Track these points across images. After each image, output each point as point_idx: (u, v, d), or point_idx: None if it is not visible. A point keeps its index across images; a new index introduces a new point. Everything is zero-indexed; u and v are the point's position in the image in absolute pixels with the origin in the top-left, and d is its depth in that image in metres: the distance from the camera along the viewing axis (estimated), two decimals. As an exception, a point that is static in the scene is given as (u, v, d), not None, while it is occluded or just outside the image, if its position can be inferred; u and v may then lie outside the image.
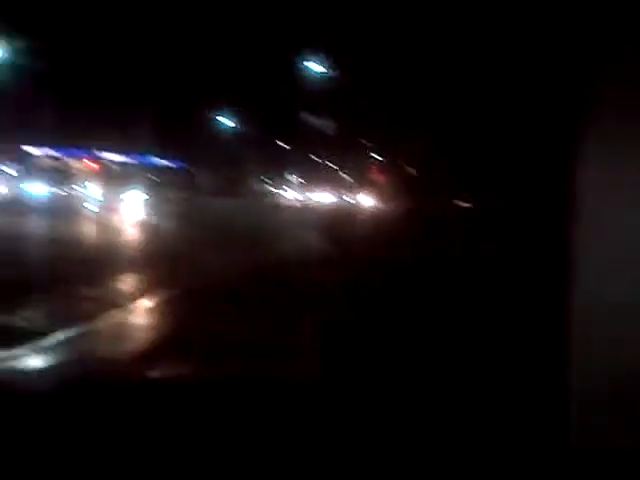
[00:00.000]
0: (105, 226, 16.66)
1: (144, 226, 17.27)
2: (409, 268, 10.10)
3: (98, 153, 35.13)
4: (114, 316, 6.93)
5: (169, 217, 19.40)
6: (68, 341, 5.87)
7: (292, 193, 52.25)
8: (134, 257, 11.08)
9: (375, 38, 31.74)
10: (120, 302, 7.58)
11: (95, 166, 32.20)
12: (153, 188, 24.55)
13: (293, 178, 57.68)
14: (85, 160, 33.52)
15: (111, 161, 35.10)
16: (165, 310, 7.22)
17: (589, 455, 2.77)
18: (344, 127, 48.48)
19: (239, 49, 37.25)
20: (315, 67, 36.60)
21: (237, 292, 8.21)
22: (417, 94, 29.82)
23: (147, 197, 20.83)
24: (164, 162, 40.38)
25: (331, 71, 37.46)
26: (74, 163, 33.14)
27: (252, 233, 16.65)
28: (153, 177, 27.51)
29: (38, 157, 33.96)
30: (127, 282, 9.04)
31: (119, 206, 19.33)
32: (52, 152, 36.50)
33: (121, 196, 19.82)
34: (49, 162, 32.15)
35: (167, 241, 13.40)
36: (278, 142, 52.25)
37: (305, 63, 36.11)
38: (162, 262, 10.57)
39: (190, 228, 16.53)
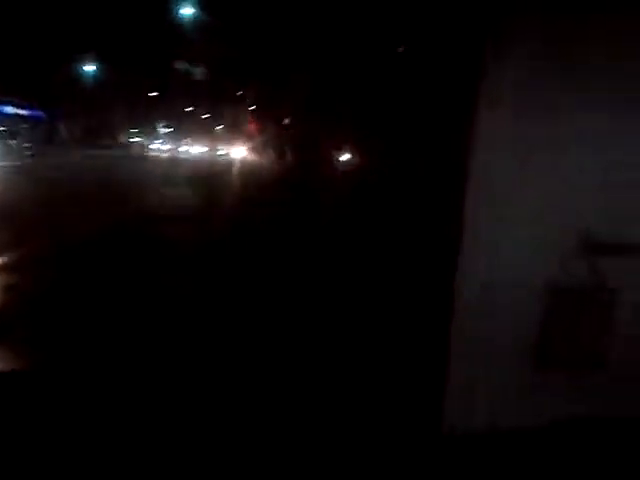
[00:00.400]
0: None
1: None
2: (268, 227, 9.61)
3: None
4: None
5: (16, 171, 17.72)
6: None
7: (160, 144, 50.28)
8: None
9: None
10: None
11: None
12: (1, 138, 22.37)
13: (162, 129, 55.47)
14: None
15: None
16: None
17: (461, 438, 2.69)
18: (216, 76, 46.89)
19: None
20: (186, 11, 34.60)
21: (76, 255, 7.29)
22: (294, 39, 28.70)
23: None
24: (18, 111, 37.31)
25: (204, 16, 35.64)
26: None
27: (111, 187, 15.52)
28: (1, 127, 25.13)
29: None
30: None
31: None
32: None
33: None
34: None
35: (7, 198, 11.99)
36: (147, 91, 49.78)
37: (176, 7, 34.07)
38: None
39: (40, 182, 15.10)
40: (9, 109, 35.57)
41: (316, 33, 25.82)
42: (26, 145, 24.01)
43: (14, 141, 23.27)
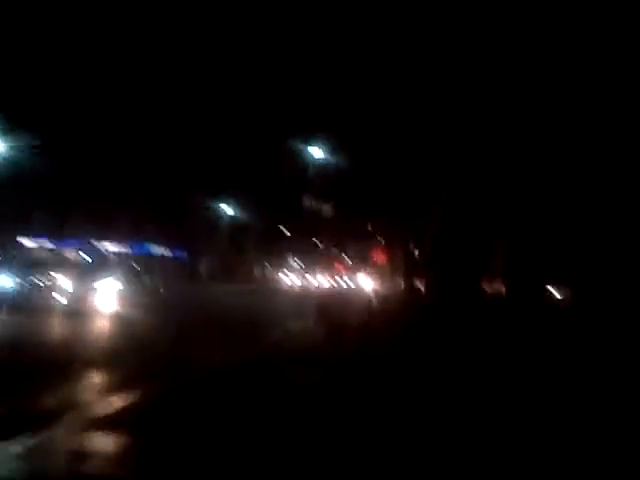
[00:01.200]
0: (67, 319, 15.15)
1: (115, 319, 15.73)
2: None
3: (95, 242, 34.53)
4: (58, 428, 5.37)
5: (151, 308, 17.98)
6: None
7: (293, 277, 51.29)
8: (90, 355, 9.49)
9: (374, 122, 31.32)
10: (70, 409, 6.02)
11: (81, 256, 31.37)
12: (136, 276, 23.31)
13: (293, 262, 56.91)
14: (72, 250, 32.79)
15: (107, 250, 34.41)
16: (119, 424, 5.62)
17: None
18: (344, 210, 47.97)
19: (237, 136, 37.37)
20: (315, 152, 36.17)
21: (206, 400, 6.62)
22: (417, 174, 28.53)
23: (123, 286, 19.59)
24: (161, 251, 39.79)
25: (331, 155, 37.08)
26: (66, 253, 32.41)
27: (246, 322, 15.15)
28: (137, 265, 26.42)
29: (27, 248, 33.20)
30: (80, 386, 7.53)
31: (91, 297, 18.00)
32: (47, 243, 35.86)
33: (94, 285, 18.54)
34: (37, 253, 31.32)
35: (138, 336, 11.89)
36: (279, 227, 51.81)
37: (303, 148, 35.78)
38: (125, 360, 9.10)
39: (173, 318, 15.04)
40: (153, 249, 37.99)
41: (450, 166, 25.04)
42: (159, 281, 24.94)
43: (147, 277, 24.22)
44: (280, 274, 50.73)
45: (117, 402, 6.29)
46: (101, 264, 24.88)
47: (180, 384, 7.13)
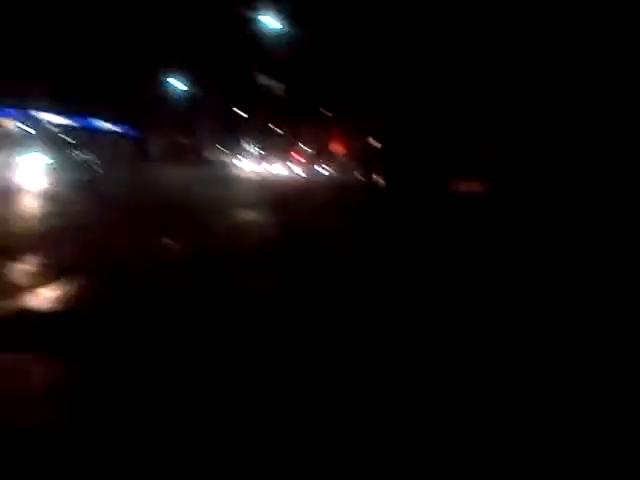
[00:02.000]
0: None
1: (43, 196, 14.10)
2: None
3: (34, 113, 32.17)
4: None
5: (76, 186, 16.34)
6: None
7: (249, 163, 49.58)
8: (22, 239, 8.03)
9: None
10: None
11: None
12: (67, 150, 21.04)
13: (251, 147, 54.84)
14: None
15: (49, 122, 32.21)
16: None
17: None
18: (300, 93, 45.55)
19: (190, 6, 34.50)
20: (272, 23, 33.34)
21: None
22: (385, 52, 25.86)
23: (52, 162, 17.77)
24: (108, 126, 37.52)
25: (290, 29, 34.40)
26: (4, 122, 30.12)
27: (198, 207, 13.92)
28: (74, 139, 24.13)
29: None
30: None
31: (13, 171, 16.40)
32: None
33: (17, 159, 16.79)
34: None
35: (68, 217, 10.49)
36: (234, 109, 49.28)
37: (261, 19, 32.99)
38: (58, 244, 7.76)
39: (94, 201, 13.54)
40: (99, 123, 35.50)
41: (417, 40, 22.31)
42: (98, 158, 22.83)
43: (81, 153, 21.94)
44: (237, 159, 48.83)
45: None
46: (38, 136, 22.68)
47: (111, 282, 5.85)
